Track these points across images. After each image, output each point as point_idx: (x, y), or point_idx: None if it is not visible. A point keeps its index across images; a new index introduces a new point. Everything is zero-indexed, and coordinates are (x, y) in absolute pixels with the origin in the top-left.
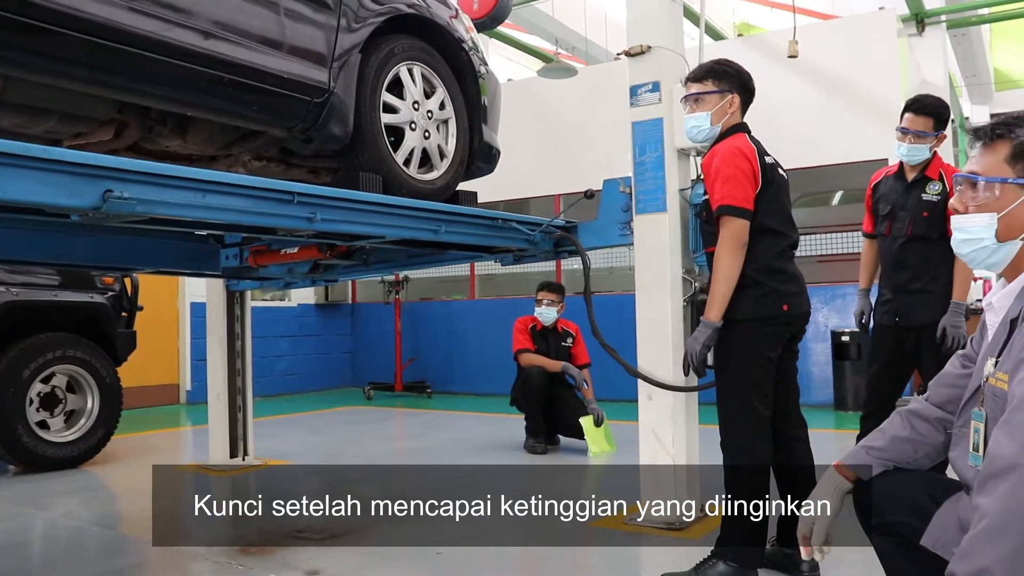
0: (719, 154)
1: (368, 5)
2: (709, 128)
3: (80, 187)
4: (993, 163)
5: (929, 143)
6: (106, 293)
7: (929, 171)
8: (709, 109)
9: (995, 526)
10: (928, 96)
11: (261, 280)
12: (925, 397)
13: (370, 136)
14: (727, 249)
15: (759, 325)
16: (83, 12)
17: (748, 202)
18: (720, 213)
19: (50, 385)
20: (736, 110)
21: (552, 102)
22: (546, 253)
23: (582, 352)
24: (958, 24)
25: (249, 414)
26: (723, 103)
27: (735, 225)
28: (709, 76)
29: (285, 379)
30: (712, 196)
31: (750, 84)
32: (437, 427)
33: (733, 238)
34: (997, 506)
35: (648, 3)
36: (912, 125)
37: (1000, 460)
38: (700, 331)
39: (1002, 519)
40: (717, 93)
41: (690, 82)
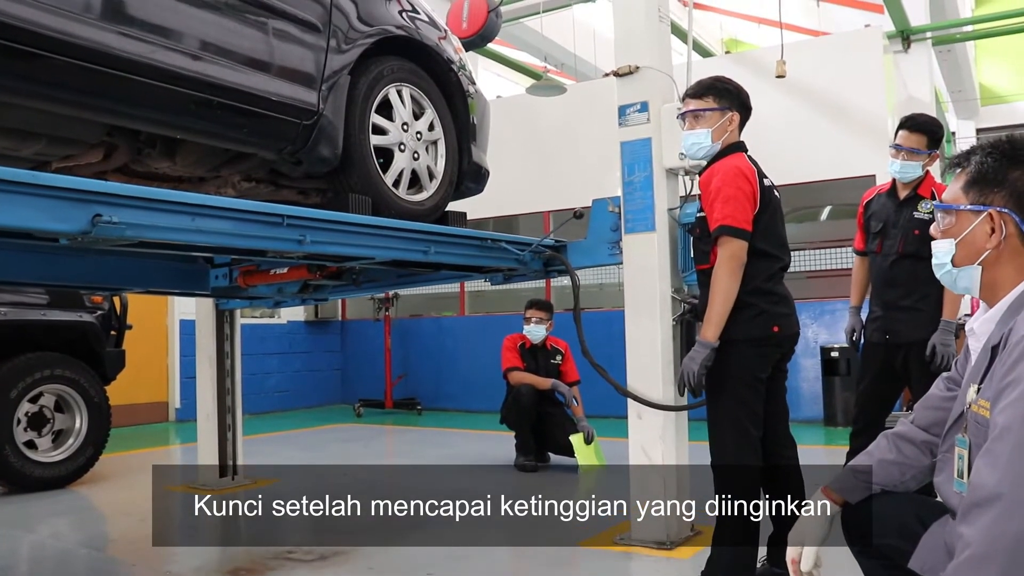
0: (719, 173)
1: (358, 27)
2: (710, 145)
3: (69, 212)
4: (954, 191)
5: (922, 160)
6: (95, 312)
7: (921, 189)
8: (709, 126)
9: (978, 556)
10: (922, 115)
11: (251, 299)
12: (911, 420)
13: (359, 158)
14: (726, 270)
15: (751, 346)
16: (71, 37)
17: (748, 223)
18: (720, 233)
19: (38, 405)
20: (735, 128)
21: (542, 119)
22: (535, 272)
23: (571, 369)
24: (943, 41)
25: (239, 433)
26: (723, 120)
27: (735, 246)
28: (710, 93)
29: (275, 396)
30: (711, 215)
31: (748, 103)
32: (427, 444)
33: (732, 258)
34: (980, 536)
35: (635, 23)
36: (906, 142)
37: (982, 490)
38: (697, 351)
39: (985, 549)
40: (717, 110)
41: (689, 98)
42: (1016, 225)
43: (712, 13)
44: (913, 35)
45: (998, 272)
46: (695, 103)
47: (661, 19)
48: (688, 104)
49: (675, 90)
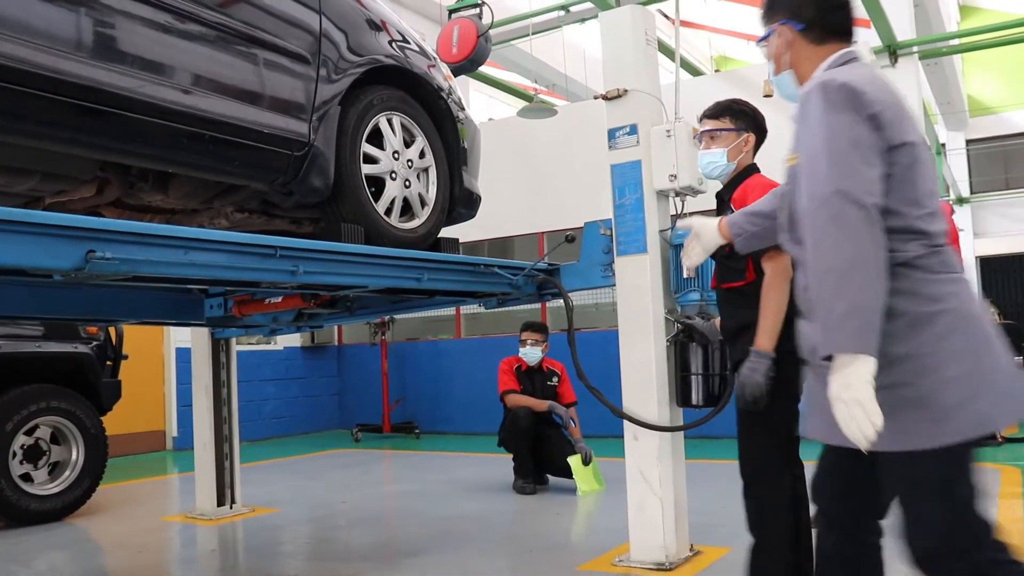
0: (758, 188)
1: (347, 57)
2: (725, 164)
3: (63, 249)
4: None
5: None
6: (90, 343)
7: None
8: (725, 146)
9: (816, 275)
10: None
11: (246, 328)
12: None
13: (351, 187)
14: (778, 283)
15: (797, 360)
16: (63, 74)
17: None
18: (769, 248)
19: (34, 437)
20: (750, 149)
21: (534, 140)
22: (529, 296)
23: (568, 391)
24: (930, 55)
25: (236, 462)
26: (739, 141)
27: (784, 260)
28: (727, 114)
29: (272, 423)
30: None
31: (764, 125)
32: (426, 469)
33: (784, 271)
34: (810, 257)
35: (623, 48)
36: None
37: (800, 214)
38: (756, 362)
39: (818, 266)
40: (733, 131)
41: (707, 119)
42: (793, 30)
43: (701, 31)
44: (900, 50)
45: (800, 71)
46: (712, 123)
47: (648, 43)
48: (705, 124)
49: (663, 112)
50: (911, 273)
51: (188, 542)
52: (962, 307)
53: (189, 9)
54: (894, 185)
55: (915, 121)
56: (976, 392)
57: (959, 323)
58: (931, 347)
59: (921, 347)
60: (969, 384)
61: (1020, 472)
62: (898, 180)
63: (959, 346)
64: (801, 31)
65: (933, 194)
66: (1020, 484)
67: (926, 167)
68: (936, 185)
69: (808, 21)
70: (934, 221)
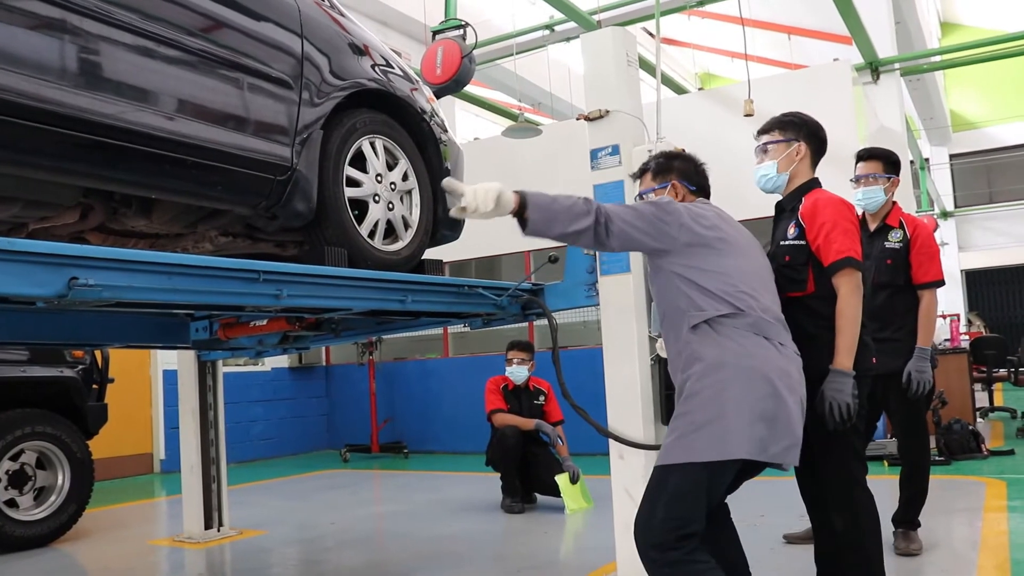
0: (830, 204)
1: (330, 81)
2: (776, 176)
3: (45, 276)
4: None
5: (882, 185)
6: (76, 367)
7: (889, 219)
8: (775, 158)
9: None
10: (876, 147)
11: (232, 350)
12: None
13: (334, 211)
14: (855, 298)
15: (860, 377)
16: (45, 103)
17: (860, 256)
18: (846, 265)
19: (19, 462)
20: (804, 158)
21: (519, 159)
22: (514, 316)
23: (555, 409)
24: (912, 71)
25: (223, 484)
26: (789, 151)
27: (857, 277)
28: (776, 127)
29: (260, 444)
30: (831, 246)
31: (820, 134)
32: (415, 489)
33: (858, 287)
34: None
35: (605, 69)
36: (863, 170)
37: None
38: (840, 381)
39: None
40: (783, 142)
41: (759, 134)
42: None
43: (685, 48)
44: (882, 67)
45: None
46: (764, 137)
47: (629, 64)
48: (759, 139)
49: (645, 133)
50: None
51: (175, 566)
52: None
53: (170, 36)
54: (709, 269)
55: (734, 227)
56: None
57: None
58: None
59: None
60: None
61: (1005, 485)
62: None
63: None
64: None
65: (748, 276)
66: (1005, 497)
67: (737, 258)
68: (755, 268)
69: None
70: (746, 296)
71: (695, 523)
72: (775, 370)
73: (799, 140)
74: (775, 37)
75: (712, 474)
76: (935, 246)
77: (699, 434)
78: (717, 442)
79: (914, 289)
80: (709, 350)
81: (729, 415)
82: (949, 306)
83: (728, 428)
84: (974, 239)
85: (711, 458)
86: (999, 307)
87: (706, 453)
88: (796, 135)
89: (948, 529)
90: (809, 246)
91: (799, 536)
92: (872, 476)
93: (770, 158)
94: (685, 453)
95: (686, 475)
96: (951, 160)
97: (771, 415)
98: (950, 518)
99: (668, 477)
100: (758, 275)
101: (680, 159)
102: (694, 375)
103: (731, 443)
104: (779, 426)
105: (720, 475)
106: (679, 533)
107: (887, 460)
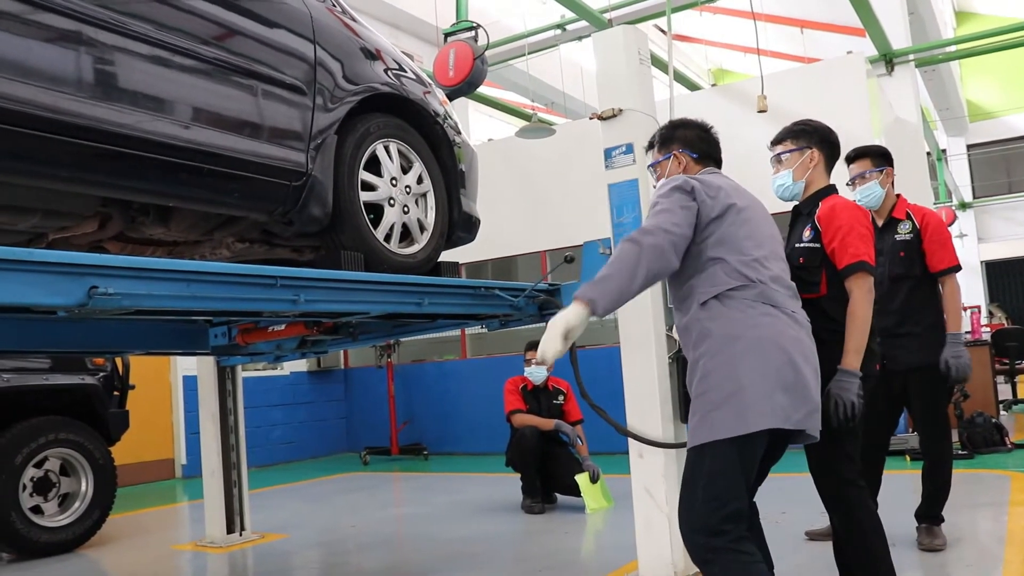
0: (847, 209)
1: (343, 85)
2: (792, 184)
3: (65, 286)
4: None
5: (876, 179)
6: (97, 374)
7: (896, 212)
8: (790, 167)
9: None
10: (863, 145)
11: (251, 355)
12: None
13: (350, 215)
14: (866, 302)
15: (866, 381)
16: (64, 114)
17: (874, 261)
18: (860, 269)
19: (43, 469)
20: (818, 164)
21: (534, 159)
22: (531, 317)
23: (574, 409)
24: (926, 62)
25: (245, 489)
26: (803, 159)
27: (870, 281)
28: (788, 137)
29: (280, 448)
30: (846, 250)
31: (830, 138)
32: (435, 491)
33: (870, 292)
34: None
35: (617, 67)
36: (855, 171)
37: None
38: (847, 381)
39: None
40: (796, 151)
41: (773, 145)
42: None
43: (697, 44)
44: (896, 58)
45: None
46: (777, 148)
47: (642, 62)
48: (773, 150)
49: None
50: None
51: (198, 571)
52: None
53: (185, 45)
54: (719, 240)
55: (742, 196)
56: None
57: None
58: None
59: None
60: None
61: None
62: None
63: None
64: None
65: (756, 245)
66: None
67: (744, 227)
68: (764, 237)
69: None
70: (757, 265)
71: (736, 500)
72: (788, 339)
73: (811, 147)
74: (788, 31)
75: (741, 448)
76: (946, 233)
77: (720, 411)
78: (738, 417)
79: (932, 280)
80: (719, 325)
81: (746, 388)
82: (970, 298)
83: (747, 402)
84: (994, 230)
85: (735, 433)
86: (1021, 298)
87: (730, 429)
88: (808, 143)
89: (973, 524)
90: (823, 249)
91: (821, 532)
92: (894, 471)
93: (785, 167)
94: (710, 432)
95: (716, 454)
96: (969, 150)
97: (789, 383)
98: (975, 512)
99: (701, 459)
100: (767, 244)
101: (683, 127)
102: (707, 353)
103: (752, 416)
104: (797, 393)
105: (749, 449)
106: (722, 513)
107: (909, 455)
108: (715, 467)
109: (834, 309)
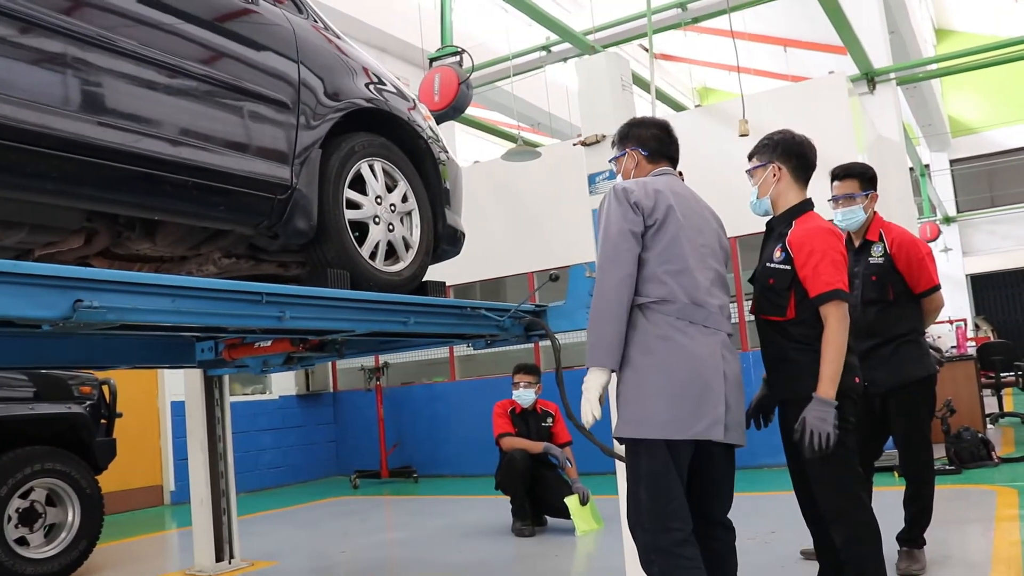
0: (819, 234)
1: (325, 102)
2: (757, 201)
3: (50, 298)
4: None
5: (860, 204)
6: (84, 403)
7: (869, 234)
8: (757, 183)
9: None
10: (852, 163)
11: (238, 367)
12: None
13: (335, 232)
14: (841, 329)
15: (845, 397)
16: (50, 129)
17: (848, 287)
18: (834, 296)
19: (29, 500)
20: (784, 179)
21: (520, 181)
22: (517, 337)
23: (563, 431)
24: (907, 80)
25: (234, 516)
26: (766, 174)
27: (844, 308)
28: (753, 154)
29: (269, 473)
30: (819, 277)
31: (796, 149)
32: (425, 514)
33: (845, 318)
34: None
35: (600, 94)
36: (840, 190)
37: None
38: (821, 410)
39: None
40: (760, 167)
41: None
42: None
43: (682, 63)
44: (877, 76)
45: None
46: (748, 166)
47: (624, 88)
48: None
49: None
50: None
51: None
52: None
53: (172, 62)
54: (651, 247)
55: (683, 200)
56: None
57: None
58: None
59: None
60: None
61: (1017, 493)
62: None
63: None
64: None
65: (681, 256)
66: (1017, 506)
67: (684, 234)
68: (697, 248)
69: (651, 150)
70: (680, 276)
71: (675, 500)
72: (697, 354)
73: (772, 161)
74: (771, 49)
75: (671, 451)
76: (920, 252)
77: (626, 410)
78: (637, 424)
79: (904, 300)
80: (637, 336)
81: (648, 399)
82: (955, 311)
83: (646, 411)
84: (978, 243)
85: (632, 435)
86: (1006, 310)
87: (630, 431)
88: (770, 157)
89: (960, 540)
90: (794, 272)
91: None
92: (883, 488)
93: (754, 184)
94: (620, 429)
95: (650, 453)
96: (952, 165)
97: (692, 396)
98: (961, 529)
99: (636, 458)
100: (698, 253)
101: (640, 126)
102: (624, 360)
103: (646, 424)
104: (701, 406)
105: (676, 453)
106: (666, 511)
107: (897, 471)
108: (652, 467)
109: (801, 332)
